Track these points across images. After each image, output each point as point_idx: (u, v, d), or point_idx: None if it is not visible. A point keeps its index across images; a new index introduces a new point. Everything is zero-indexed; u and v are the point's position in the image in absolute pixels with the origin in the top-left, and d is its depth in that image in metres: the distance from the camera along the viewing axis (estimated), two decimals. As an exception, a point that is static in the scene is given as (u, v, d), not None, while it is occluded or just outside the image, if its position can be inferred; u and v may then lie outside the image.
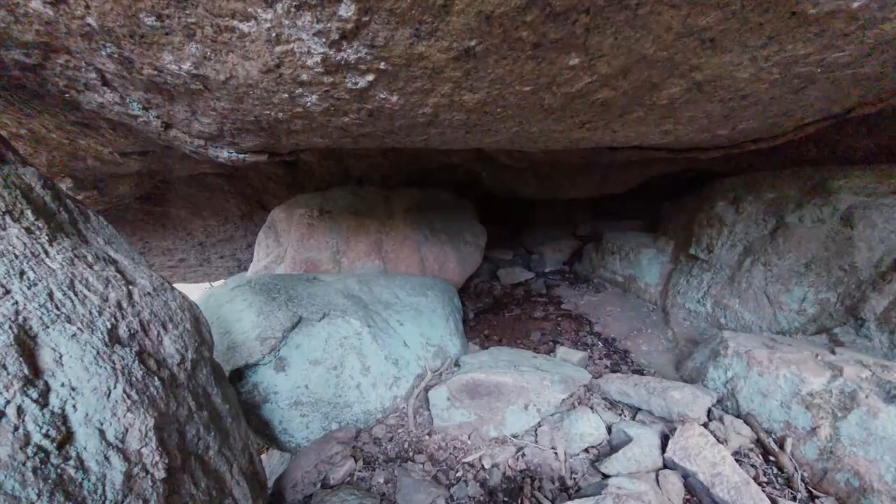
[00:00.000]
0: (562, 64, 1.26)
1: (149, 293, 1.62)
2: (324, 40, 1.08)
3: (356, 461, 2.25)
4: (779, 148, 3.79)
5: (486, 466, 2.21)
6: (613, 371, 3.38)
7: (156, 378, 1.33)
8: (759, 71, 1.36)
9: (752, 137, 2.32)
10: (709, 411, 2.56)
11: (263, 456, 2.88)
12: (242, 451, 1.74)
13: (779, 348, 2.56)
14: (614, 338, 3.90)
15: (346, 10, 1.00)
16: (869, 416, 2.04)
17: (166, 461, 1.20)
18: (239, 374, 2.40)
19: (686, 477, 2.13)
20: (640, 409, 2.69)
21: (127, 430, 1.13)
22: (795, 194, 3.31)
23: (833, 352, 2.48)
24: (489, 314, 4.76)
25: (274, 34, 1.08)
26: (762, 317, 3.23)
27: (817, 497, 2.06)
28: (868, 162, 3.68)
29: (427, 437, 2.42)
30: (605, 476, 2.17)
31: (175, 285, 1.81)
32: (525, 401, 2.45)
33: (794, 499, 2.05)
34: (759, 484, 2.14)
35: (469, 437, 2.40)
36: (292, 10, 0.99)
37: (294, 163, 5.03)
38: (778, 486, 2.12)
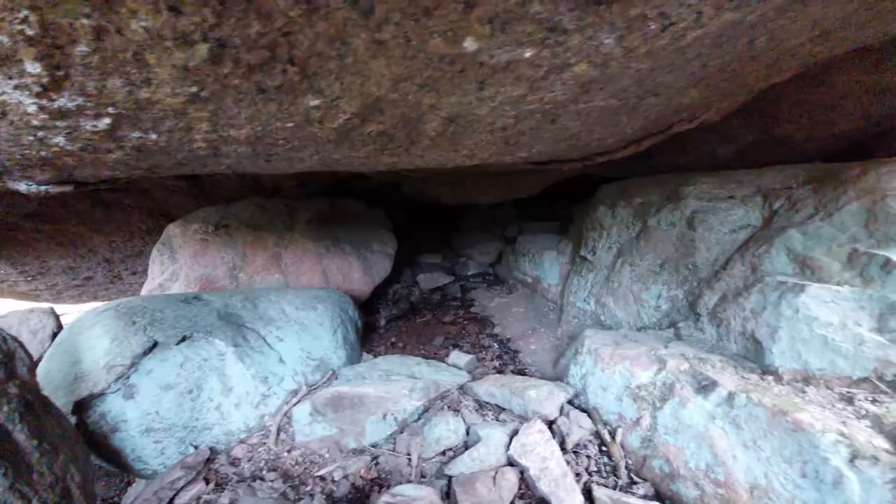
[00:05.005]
0: (305, 104, 1.33)
1: (-68, 333, 1.57)
2: (27, 93, 1.09)
3: (208, 484, 2.25)
4: (654, 155, 4.08)
5: (336, 478, 2.27)
6: (500, 372, 3.53)
7: None
8: (493, 109, 1.46)
9: (566, 157, 2.49)
10: (562, 407, 2.74)
11: (134, 484, 2.83)
12: (51, 486, 1.71)
13: (623, 344, 2.77)
14: (510, 338, 4.07)
15: (33, 68, 1.02)
16: (680, 405, 2.25)
17: None
18: (86, 405, 2.35)
19: (523, 473, 2.29)
20: (504, 409, 2.84)
21: None
22: (657, 199, 3.58)
23: (667, 346, 2.72)
24: (401, 321, 4.83)
25: (-24, 86, 1.09)
26: (630, 313, 3.48)
27: (636, 483, 2.25)
28: (731, 167, 4.04)
29: (286, 454, 2.46)
30: (450, 478, 2.30)
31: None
32: (384, 410, 2.54)
33: (615, 486, 2.24)
34: (590, 473, 2.33)
35: (328, 451, 2.46)
36: (-28, 66, 1.00)
37: (197, 175, 4.91)
38: (605, 475, 2.31)
